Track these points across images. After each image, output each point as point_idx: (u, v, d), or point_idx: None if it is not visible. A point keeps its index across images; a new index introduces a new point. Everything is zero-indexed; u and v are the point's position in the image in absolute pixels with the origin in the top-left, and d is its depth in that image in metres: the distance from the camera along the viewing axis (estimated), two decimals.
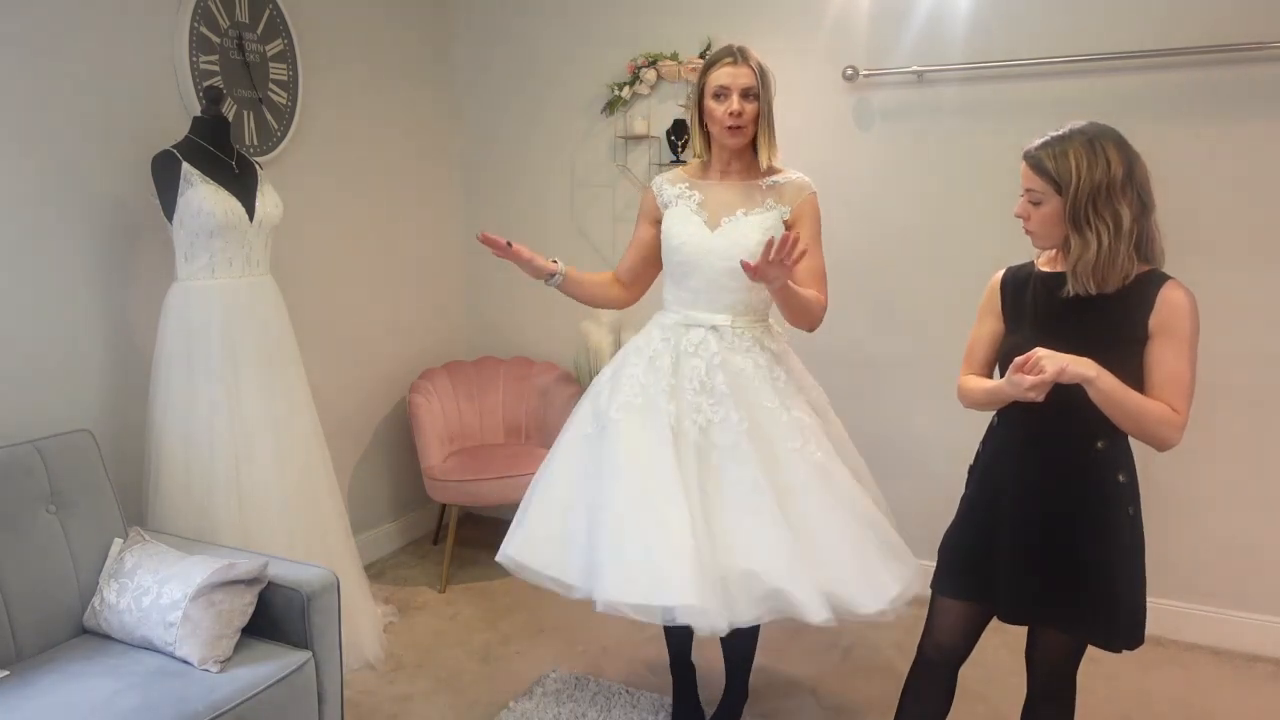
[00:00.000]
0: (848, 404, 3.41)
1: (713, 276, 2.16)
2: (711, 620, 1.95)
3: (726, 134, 2.12)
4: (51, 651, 2.05)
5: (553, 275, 2.21)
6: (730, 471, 2.07)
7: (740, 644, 2.36)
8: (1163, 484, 2.98)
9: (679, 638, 2.43)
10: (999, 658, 2.73)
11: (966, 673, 1.99)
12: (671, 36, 3.45)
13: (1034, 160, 1.66)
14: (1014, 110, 2.99)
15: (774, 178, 2.20)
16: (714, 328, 2.17)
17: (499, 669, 2.86)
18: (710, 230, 2.17)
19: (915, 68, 3.06)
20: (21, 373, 2.38)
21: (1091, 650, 1.82)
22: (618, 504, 2.06)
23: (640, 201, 2.36)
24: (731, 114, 2.09)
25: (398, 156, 3.67)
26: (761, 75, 2.11)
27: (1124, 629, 1.74)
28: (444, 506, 3.79)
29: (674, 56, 3.42)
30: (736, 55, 2.11)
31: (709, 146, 2.21)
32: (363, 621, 2.83)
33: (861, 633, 3.02)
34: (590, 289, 2.33)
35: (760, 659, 2.84)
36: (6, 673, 1.94)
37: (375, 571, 3.53)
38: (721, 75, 2.10)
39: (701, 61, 3.31)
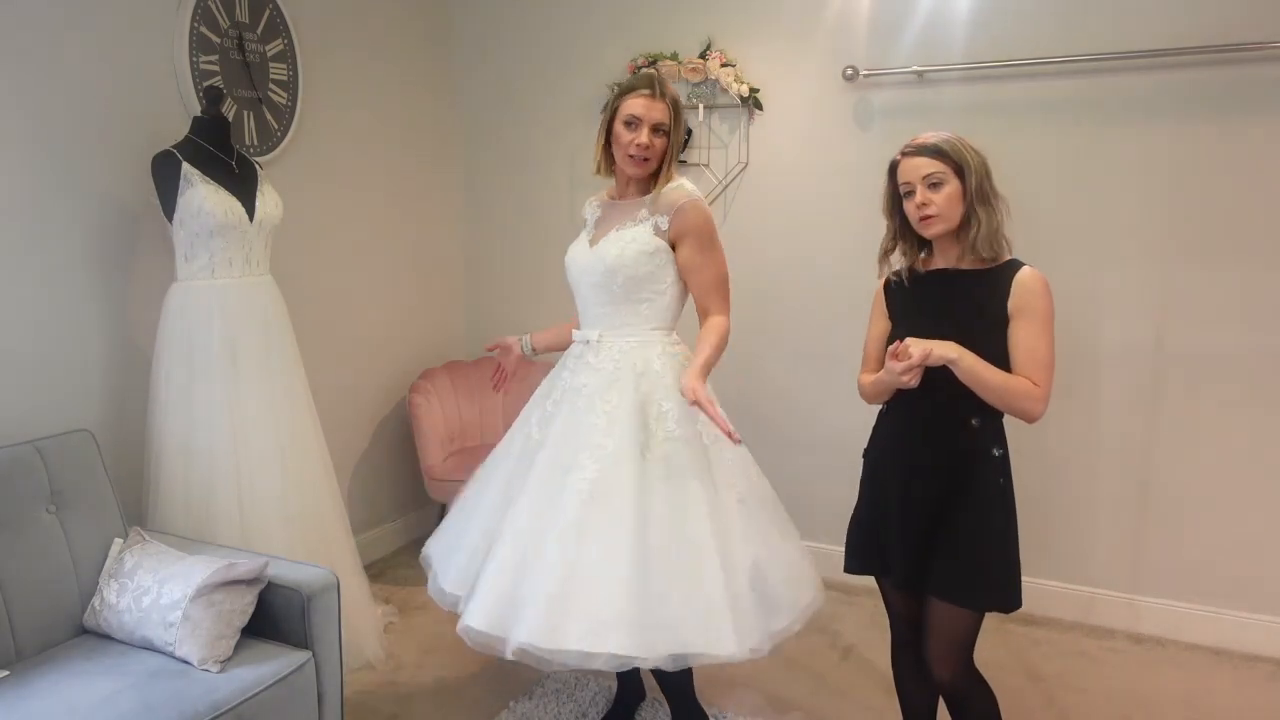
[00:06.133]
0: (846, 404, 3.43)
1: (585, 293, 2.22)
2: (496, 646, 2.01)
3: (629, 162, 2.12)
4: (51, 651, 2.05)
5: (523, 348, 2.29)
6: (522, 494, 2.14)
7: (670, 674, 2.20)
8: (1164, 484, 2.99)
9: None
10: (997, 658, 2.73)
11: None
12: (671, 36, 3.45)
13: (932, 149, 1.81)
14: (1014, 110, 2.99)
15: (656, 191, 2.16)
16: (587, 342, 2.22)
17: (499, 669, 2.86)
18: (590, 248, 2.21)
19: (915, 68, 3.06)
20: (21, 373, 2.38)
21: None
22: (476, 536, 2.22)
23: None
24: (639, 145, 2.08)
25: (398, 156, 3.67)
26: (675, 112, 2.11)
27: (996, 591, 1.84)
28: (444, 506, 3.77)
29: (674, 56, 3.42)
30: (655, 88, 2.10)
31: (610, 167, 2.21)
32: (363, 621, 2.83)
33: (861, 633, 3.02)
34: (560, 338, 2.41)
35: (758, 658, 2.84)
36: (6, 673, 1.94)
37: (375, 571, 3.53)
38: (636, 105, 2.09)
39: (701, 62, 3.36)
